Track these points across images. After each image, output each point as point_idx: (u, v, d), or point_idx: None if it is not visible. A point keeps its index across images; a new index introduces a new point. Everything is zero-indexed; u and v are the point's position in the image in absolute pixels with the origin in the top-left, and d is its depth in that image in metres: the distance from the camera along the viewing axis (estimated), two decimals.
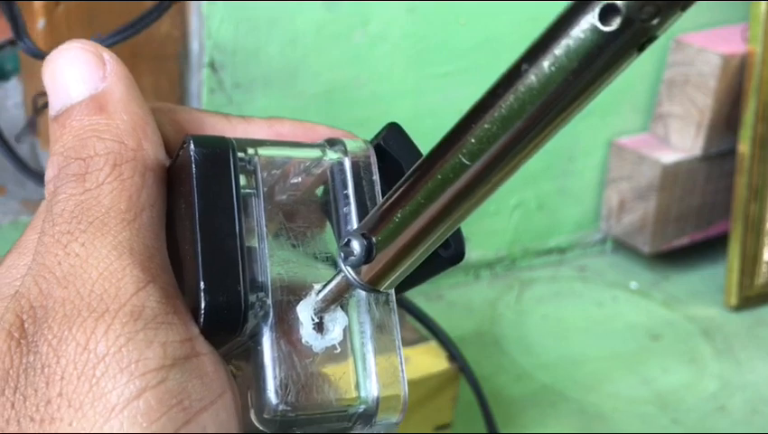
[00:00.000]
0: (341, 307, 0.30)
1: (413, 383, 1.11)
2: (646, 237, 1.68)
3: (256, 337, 0.29)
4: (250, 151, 0.30)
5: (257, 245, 0.29)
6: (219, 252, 0.28)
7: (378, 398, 0.29)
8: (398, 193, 0.26)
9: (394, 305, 0.31)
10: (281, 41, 1.27)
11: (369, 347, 0.30)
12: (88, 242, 0.28)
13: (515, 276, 1.68)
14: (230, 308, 0.28)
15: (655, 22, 0.19)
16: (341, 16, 1.31)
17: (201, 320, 0.28)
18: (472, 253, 1.65)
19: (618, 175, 1.68)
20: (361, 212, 0.31)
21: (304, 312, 0.29)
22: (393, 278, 0.28)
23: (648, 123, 1.70)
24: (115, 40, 0.75)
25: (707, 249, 1.74)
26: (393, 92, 1.35)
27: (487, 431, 1.04)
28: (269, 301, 0.29)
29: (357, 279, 0.27)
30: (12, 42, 1.22)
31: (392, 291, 0.31)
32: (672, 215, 1.68)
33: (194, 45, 1.24)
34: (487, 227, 1.63)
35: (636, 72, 1.65)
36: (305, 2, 1.26)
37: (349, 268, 0.27)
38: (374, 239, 0.27)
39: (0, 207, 1.25)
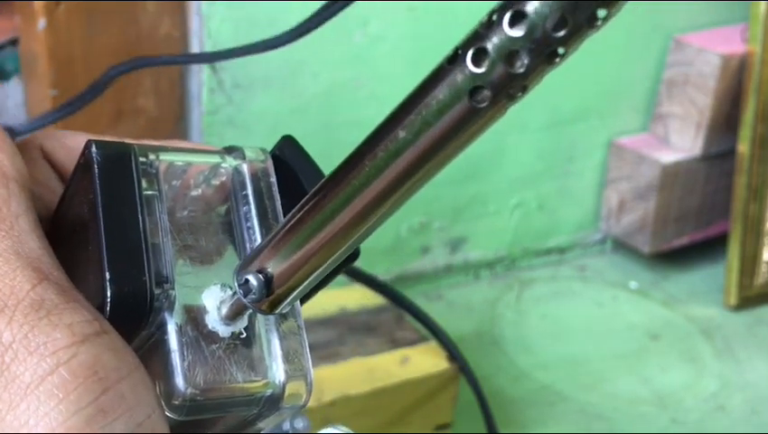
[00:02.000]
0: None
1: (413, 383, 1.11)
2: (646, 237, 1.68)
3: (162, 327, 0.29)
4: (151, 155, 0.31)
5: (160, 241, 0.30)
6: (123, 246, 0.29)
7: (284, 382, 0.30)
8: (290, 223, 0.27)
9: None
10: None
11: (274, 332, 0.30)
12: None
13: (515, 276, 1.68)
14: (136, 297, 0.28)
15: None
16: (341, 16, 1.31)
17: (108, 309, 0.28)
18: (472, 253, 1.65)
19: (618, 175, 1.68)
20: (262, 218, 0.32)
21: (210, 299, 0.30)
22: (291, 301, 0.29)
23: (648, 123, 1.70)
24: (54, 117, 0.75)
25: (707, 249, 1.74)
26: (393, 92, 1.35)
27: (487, 431, 1.04)
28: (174, 292, 0.29)
29: (254, 308, 0.28)
30: (12, 42, 1.22)
31: None
32: (672, 215, 1.68)
33: (194, 45, 1.24)
34: (487, 227, 1.63)
35: (636, 72, 1.65)
36: (305, 2, 1.26)
37: (251, 304, 0.28)
38: (269, 271, 0.28)
39: None
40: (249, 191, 0.32)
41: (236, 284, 0.28)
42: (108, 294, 0.28)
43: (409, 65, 1.35)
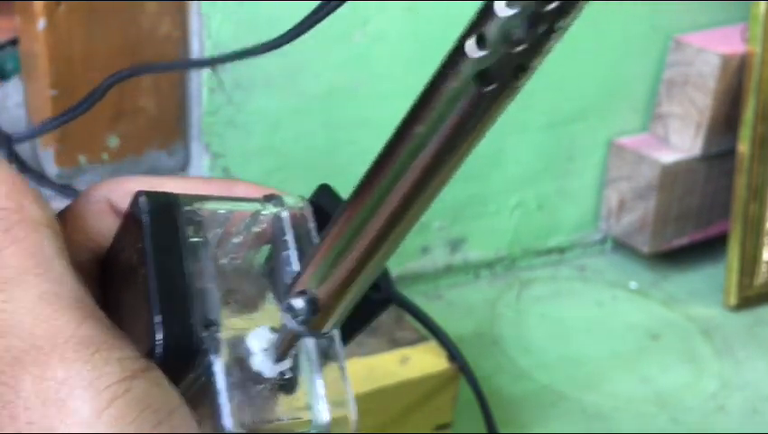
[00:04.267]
0: None
1: (413, 383, 1.11)
2: (646, 237, 1.68)
3: (209, 369, 0.30)
4: (196, 204, 0.33)
5: (206, 286, 0.31)
6: (171, 291, 0.30)
7: (328, 420, 0.31)
8: (325, 240, 0.28)
9: (336, 334, 0.33)
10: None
11: (318, 372, 0.32)
12: (11, 298, 0.28)
13: (515, 276, 1.68)
14: (184, 339, 0.29)
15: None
16: (341, 16, 1.31)
17: (157, 351, 0.29)
18: (472, 253, 1.65)
19: (618, 175, 1.68)
20: (301, 262, 0.34)
21: (255, 341, 0.31)
22: (336, 318, 0.29)
23: (647, 123, 1.70)
24: (53, 125, 0.75)
25: (707, 249, 1.74)
26: (393, 92, 1.36)
27: (487, 431, 1.05)
28: (220, 334, 0.30)
29: (304, 331, 0.29)
30: (12, 42, 1.23)
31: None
32: (672, 215, 1.68)
33: (194, 45, 1.24)
34: (487, 227, 1.63)
35: (636, 72, 1.65)
36: (305, 2, 1.26)
37: (295, 325, 0.29)
38: (313, 291, 0.28)
39: None
40: (289, 236, 0.33)
41: (283, 312, 0.29)
42: (159, 336, 0.29)
43: (409, 65, 1.35)
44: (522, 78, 0.21)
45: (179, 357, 0.29)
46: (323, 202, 0.35)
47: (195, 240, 0.32)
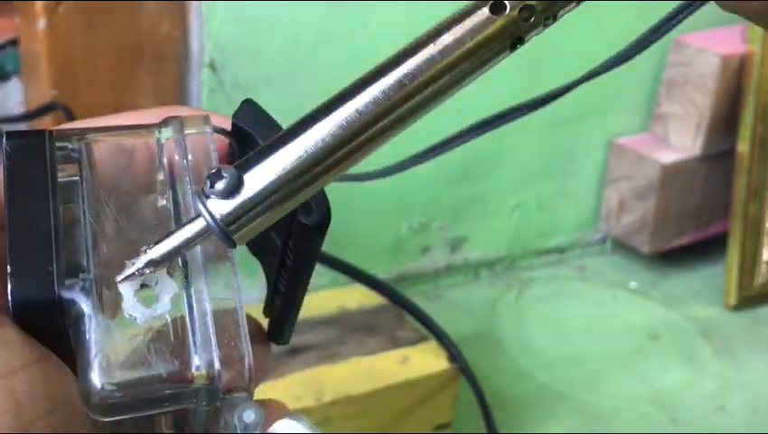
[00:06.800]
0: (170, 275, 0.28)
1: (413, 383, 1.11)
2: (645, 237, 1.68)
3: (79, 320, 0.27)
4: (74, 139, 0.30)
5: (76, 229, 0.28)
6: (28, 237, 0.27)
7: (219, 371, 0.26)
8: (276, 139, 0.27)
9: (235, 263, 0.29)
10: (281, 41, 1.27)
11: (208, 314, 0.27)
12: None
13: (515, 276, 1.68)
14: (40, 289, 0.26)
15: (530, 21, 0.26)
16: (341, 16, 1.31)
17: (10, 302, 0.26)
18: (472, 253, 1.65)
19: (618, 175, 1.68)
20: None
21: (125, 283, 0.27)
22: (252, 225, 0.26)
23: (647, 123, 1.70)
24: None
25: (707, 248, 1.74)
26: None
27: (487, 431, 1.05)
28: (90, 280, 0.27)
29: (214, 218, 0.26)
30: (12, 42, 1.23)
31: (231, 252, 0.29)
32: (672, 215, 1.68)
33: (194, 45, 1.24)
34: (487, 227, 1.63)
35: (636, 73, 1.65)
36: (305, 2, 1.26)
37: (209, 203, 0.26)
38: (244, 173, 0.26)
39: None
40: (188, 165, 0.29)
41: (194, 196, 0.26)
42: (9, 289, 0.26)
43: None
44: (529, 16, 0.25)
45: (37, 309, 0.26)
46: (244, 120, 0.31)
47: (67, 179, 0.29)
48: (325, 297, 1.19)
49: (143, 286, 0.27)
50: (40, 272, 0.27)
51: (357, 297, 1.21)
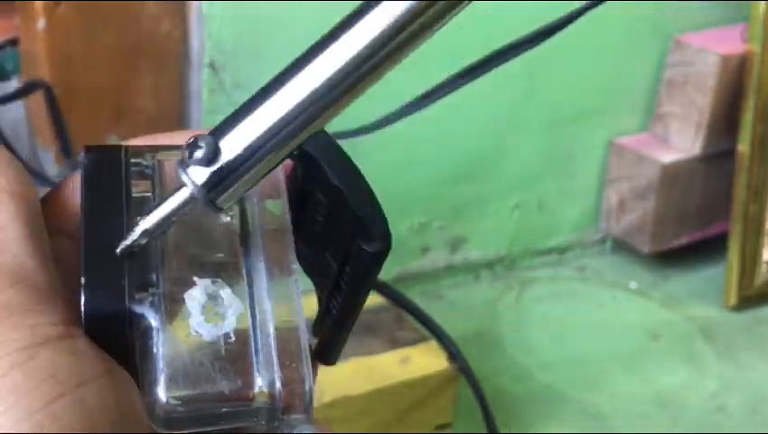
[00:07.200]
0: (235, 293, 0.28)
1: (413, 383, 1.11)
2: (645, 237, 1.68)
3: (147, 334, 0.27)
4: (147, 156, 0.30)
5: (148, 242, 0.28)
6: (102, 251, 0.28)
7: (279, 390, 0.27)
8: (248, 102, 0.27)
9: (298, 286, 0.30)
10: (281, 41, 1.27)
11: (271, 334, 0.28)
12: None
13: (515, 276, 1.68)
14: (111, 302, 0.27)
15: None
16: (341, 16, 1.31)
17: (83, 313, 0.27)
18: (473, 253, 1.65)
19: (618, 175, 1.68)
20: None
21: (192, 300, 0.28)
22: (233, 188, 0.27)
23: (647, 123, 1.70)
24: None
25: (707, 249, 1.74)
26: (393, 92, 1.35)
27: (487, 431, 1.05)
28: (159, 295, 0.28)
29: (196, 185, 0.26)
30: (12, 42, 1.22)
31: (294, 273, 0.30)
32: (671, 215, 1.68)
33: (194, 45, 1.24)
34: (487, 227, 1.63)
35: (636, 73, 1.65)
36: (305, 2, 1.26)
37: (190, 171, 0.26)
38: (219, 141, 0.26)
39: None
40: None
41: (177, 166, 0.27)
42: (82, 301, 0.27)
43: (408, 64, 1.35)
44: None
45: (108, 322, 0.27)
46: (311, 146, 0.31)
47: (144, 194, 0.29)
48: None
49: (209, 301, 0.28)
50: (112, 286, 0.27)
51: None
